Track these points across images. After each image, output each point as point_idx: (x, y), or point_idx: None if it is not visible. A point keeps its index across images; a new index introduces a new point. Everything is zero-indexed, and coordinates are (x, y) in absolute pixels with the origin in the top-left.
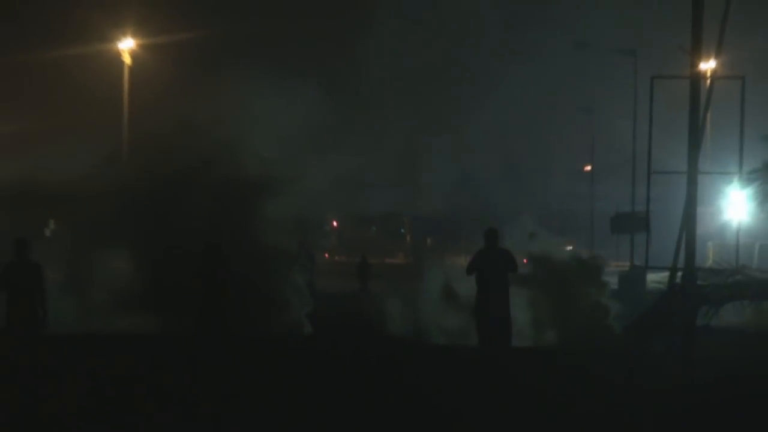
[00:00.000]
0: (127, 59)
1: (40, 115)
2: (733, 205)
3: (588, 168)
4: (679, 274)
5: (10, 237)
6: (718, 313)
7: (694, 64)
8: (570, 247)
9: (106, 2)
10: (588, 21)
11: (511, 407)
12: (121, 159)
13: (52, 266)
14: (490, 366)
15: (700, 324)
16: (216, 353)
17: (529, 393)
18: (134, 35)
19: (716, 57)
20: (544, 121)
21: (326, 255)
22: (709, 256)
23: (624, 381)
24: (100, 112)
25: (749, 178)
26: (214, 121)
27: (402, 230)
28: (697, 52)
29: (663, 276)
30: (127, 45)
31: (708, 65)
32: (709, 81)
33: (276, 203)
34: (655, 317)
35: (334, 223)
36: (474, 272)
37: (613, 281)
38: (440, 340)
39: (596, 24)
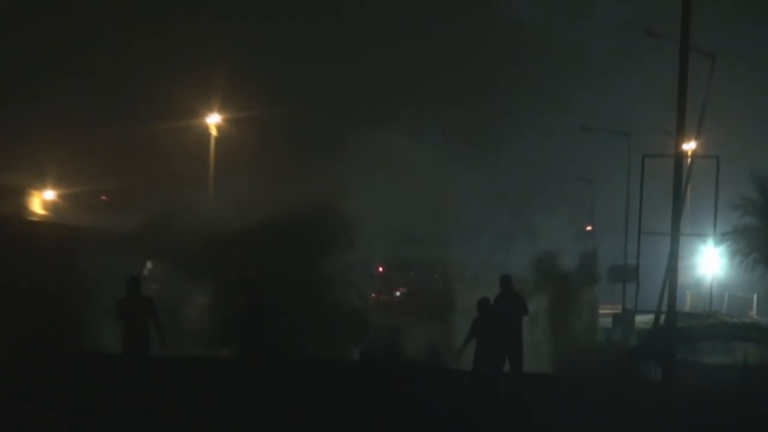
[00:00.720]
0: (213, 131)
1: (141, 176)
2: (708, 261)
3: (589, 228)
4: (663, 316)
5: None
6: (694, 349)
7: (677, 146)
8: None
9: (198, 84)
10: (591, 106)
11: None
12: (207, 215)
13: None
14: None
15: (679, 358)
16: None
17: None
18: (220, 111)
19: (696, 140)
20: (551, 189)
21: (373, 295)
22: (687, 302)
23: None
24: (191, 174)
25: (721, 239)
26: (288, 183)
27: (435, 275)
28: (680, 136)
29: (649, 318)
30: (213, 120)
31: (689, 146)
32: (689, 159)
33: (339, 250)
34: (642, 352)
35: (380, 269)
36: (487, 316)
37: (607, 321)
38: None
39: (597, 109)
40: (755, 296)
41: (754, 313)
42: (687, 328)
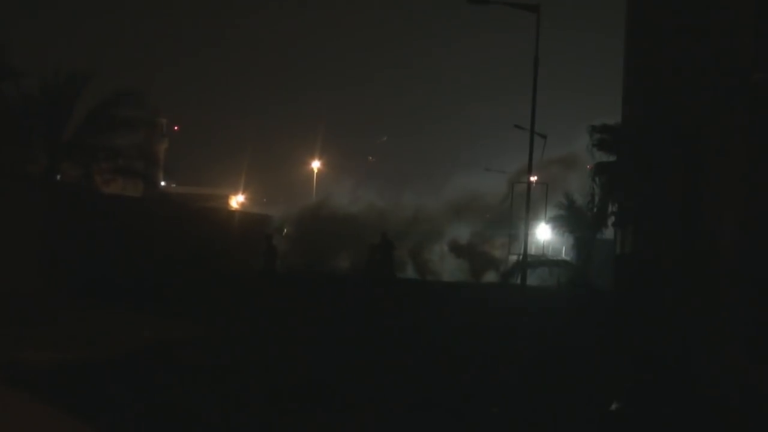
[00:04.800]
0: (315, 171)
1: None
2: (543, 232)
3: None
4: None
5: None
6: (534, 271)
7: (528, 178)
8: None
9: (306, 139)
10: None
11: None
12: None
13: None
14: None
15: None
16: None
17: None
18: (320, 158)
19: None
20: None
21: None
22: (532, 251)
23: None
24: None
25: (550, 221)
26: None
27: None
28: (529, 172)
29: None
30: (315, 165)
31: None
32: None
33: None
34: (510, 272)
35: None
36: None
37: None
38: None
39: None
40: (564, 247)
41: (563, 255)
42: (531, 262)
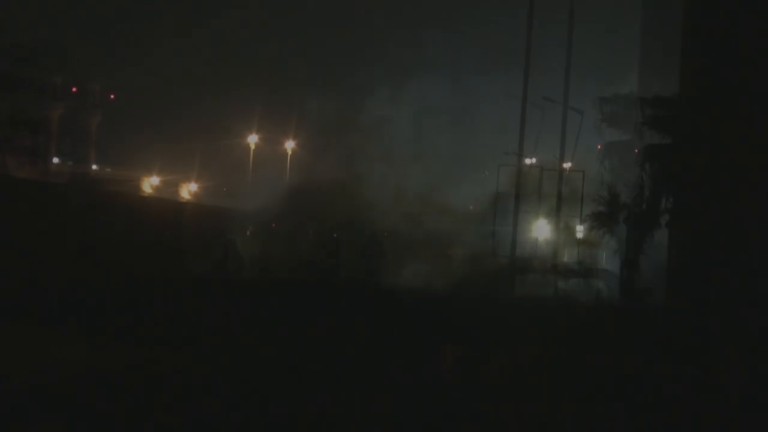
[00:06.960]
0: (251, 147)
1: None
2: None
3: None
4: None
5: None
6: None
7: (560, 164)
8: None
9: (243, 112)
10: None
11: None
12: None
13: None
14: None
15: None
16: None
17: None
18: (258, 132)
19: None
20: None
21: None
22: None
23: None
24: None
25: (586, 220)
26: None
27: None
28: (561, 160)
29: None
30: (252, 139)
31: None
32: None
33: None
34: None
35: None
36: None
37: None
38: None
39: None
40: (604, 253)
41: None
42: (561, 271)
